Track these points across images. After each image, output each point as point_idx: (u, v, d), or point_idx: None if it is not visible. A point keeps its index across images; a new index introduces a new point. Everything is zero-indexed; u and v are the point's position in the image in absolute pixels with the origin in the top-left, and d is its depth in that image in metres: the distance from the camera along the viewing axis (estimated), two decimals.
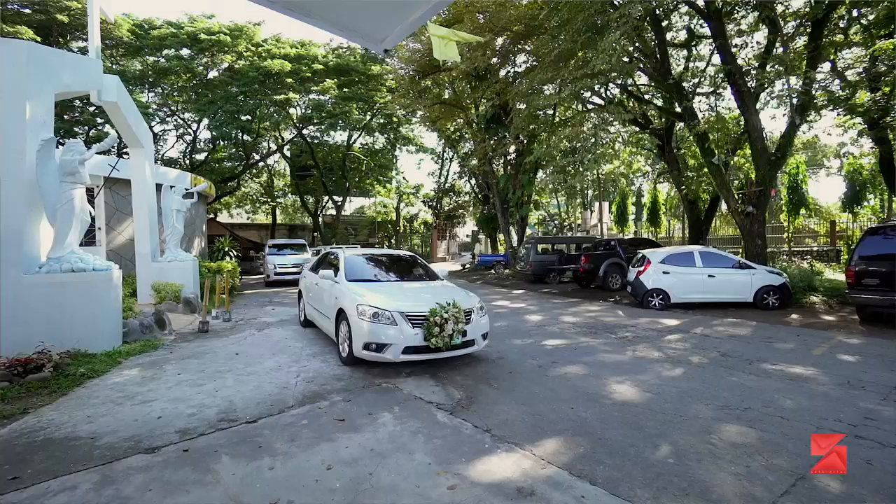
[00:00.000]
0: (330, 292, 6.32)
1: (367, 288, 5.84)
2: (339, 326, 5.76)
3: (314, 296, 7.31)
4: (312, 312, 7.50)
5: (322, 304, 6.73)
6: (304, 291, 8.17)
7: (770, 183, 11.98)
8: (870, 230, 8.41)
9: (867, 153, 18.96)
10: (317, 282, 7.14)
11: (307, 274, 8.24)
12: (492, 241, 25.77)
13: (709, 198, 18.70)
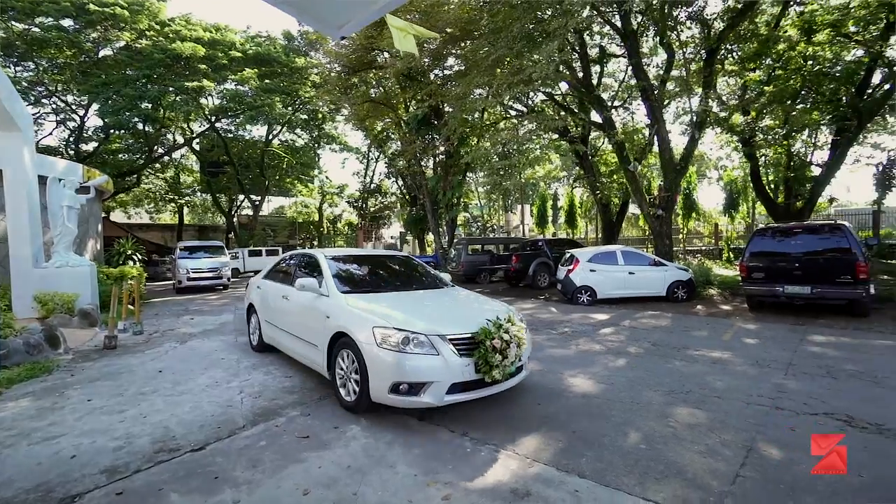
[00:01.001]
0: (315, 309, 4.64)
1: (372, 302, 4.36)
2: (338, 358, 4.21)
3: (280, 313, 5.55)
4: (277, 335, 5.66)
5: (298, 326, 5.07)
6: (260, 306, 6.24)
7: (675, 189, 13.42)
8: (757, 231, 9.76)
9: (738, 166, 22.11)
10: (285, 294, 5.45)
11: (262, 283, 6.38)
12: (420, 242, 25.81)
13: (620, 202, 20.52)
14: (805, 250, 8.72)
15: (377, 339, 3.73)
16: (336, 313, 4.32)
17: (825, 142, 17.45)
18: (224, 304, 12.56)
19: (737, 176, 22.65)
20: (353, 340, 3.94)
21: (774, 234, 9.34)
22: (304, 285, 4.80)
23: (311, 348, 4.69)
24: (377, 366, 3.70)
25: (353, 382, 4.01)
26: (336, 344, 4.24)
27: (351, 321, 4.08)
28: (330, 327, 4.28)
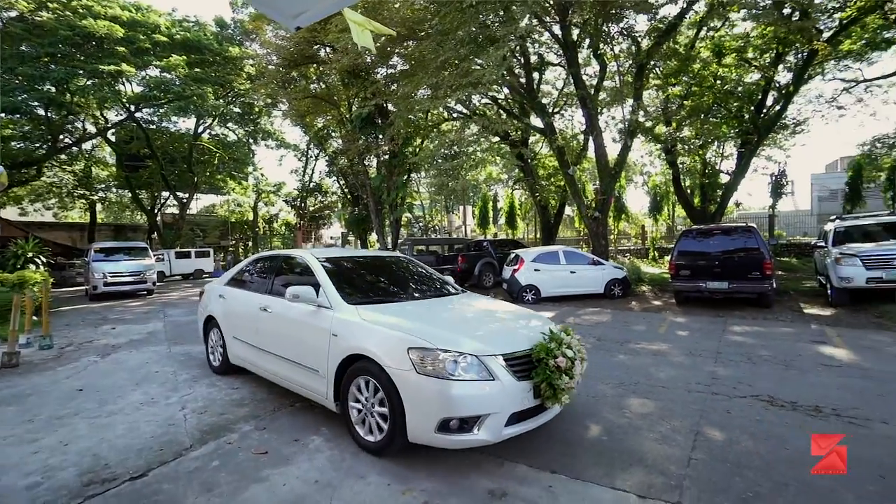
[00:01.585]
0: (312, 326, 3.79)
1: (391, 314, 3.57)
2: (351, 388, 3.40)
3: (257, 329, 4.56)
4: (253, 355, 4.65)
5: (286, 346, 4.14)
6: (225, 320, 5.17)
7: (610, 192, 14.30)
8: (683, 233, 10.68)
9: (661, 172, 24.11)
10: (263, 306, 4.47)
11: (226, 292, 5.33)
12: (363, 242, 25.32)
13: (557, 204, 21.52)
14: (722, 250, 9.68)
15: (416, 364, 2.95)
16: (347, 331, 3.46)
17: (731, 153, 19.58)
18: (150, 311, 11.52)
19: (660, 181, 24.64)
20: (376, 366, 3.14)
21: (697, 235, 10.28)
22: (298, 295, 3.86)
23: (307, 374, 3.81)
24: (418, 398, 2.93)
25: (378, 418, 3.22)
26: (349, 370, 3.40)
27: (372, 341, 3.25)
28: (339, 349, 3.45)
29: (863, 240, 9.37)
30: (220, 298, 5.37)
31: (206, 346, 5.68)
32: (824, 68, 16.68)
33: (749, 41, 16.02)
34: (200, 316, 5.82)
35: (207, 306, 5.62)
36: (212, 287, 5.84)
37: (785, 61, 15.88)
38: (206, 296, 5.82)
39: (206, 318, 5.61)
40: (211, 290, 5.77)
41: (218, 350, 5.39)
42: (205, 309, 5.69)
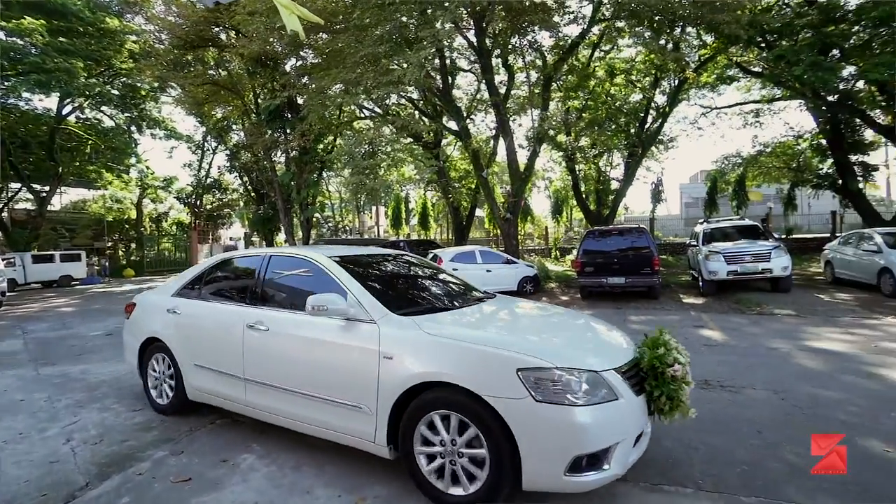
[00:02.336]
0: (350, 347, 2.91)
1: (468, 326, 2.96)
2: (419, 426, 2.61)
3: (252, 355, 3.45)
4: (236, 390, 3.56)
5: (303, 375, 3.14)
6: (182, 343, 3.98)
7: (521, 195, 15.22)
8: (588, 233, 11.77)
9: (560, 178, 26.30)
10: (254, 322, 3.43)
11: (182, 305, 4.11)
12: (269, 243, 23.76)
13: (469, 205, 22.34)
14: (619, 248, 10.87)
15: (531, 389, 2.31)
16: (408, 350, 2.70)
17: (618, 163, 22.09)
18: (1, 328, 9.63)
19: (560, 187, 26.80)
20: (465, 395, 2.44)
21: (598, 235, 11.41)
22: (326, 306, 2.89)
23: (340, 411, 2.91)
24: (537, 433, 2.30)
25: (468, 463, 2.48)
26: (414, 403, 2.62)
27: (455, 362, 2.52)
28: (397, 375, 2.65)
29: (723, 240, 11.20)
30: (171, 314, 4.09)
31: (145, 378, 4.33)
32: (689, 95, 19.58)
33: (634, 65, 18.22)
34: (131, 339, 4.50)
35: (145, 325, 4.33)
36: (150, 299, 4.56)
37: (661, 86, 18.33)
38: (142, 311, 4.52)
39: (145, 341, 4.29)
40: (150, 304, 4.48)
41: (166, 383, 4.13)
42: (140, 329, 4.38)
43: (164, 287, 4.62)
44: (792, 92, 15.69)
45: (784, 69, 13.69)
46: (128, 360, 4.65)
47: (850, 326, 7.13)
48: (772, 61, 14.46)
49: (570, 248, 23.95)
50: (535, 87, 15.08)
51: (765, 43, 14.90)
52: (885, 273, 9.43)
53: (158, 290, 4.71)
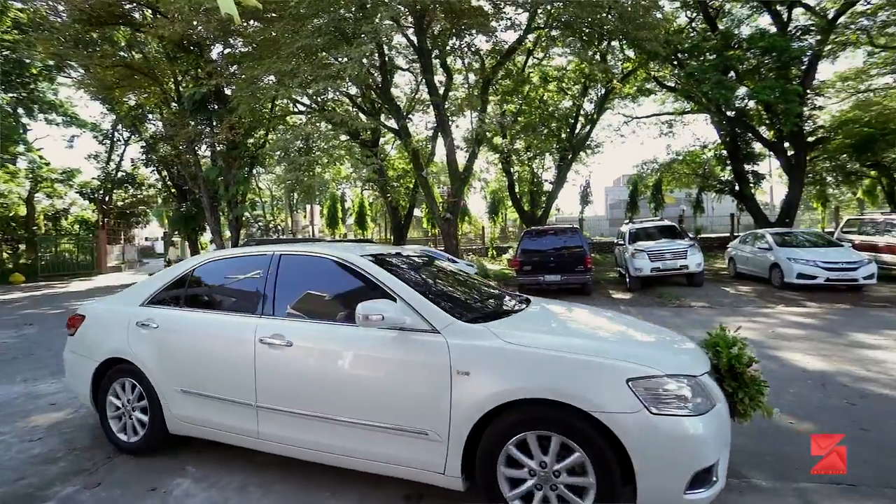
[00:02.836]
0: (413, 363, 2.51)
1: (550, 333, 2.80)
2: (504, 452, 2.29)
3: (271, 376, 2.87)
4: (253, 421, 2.92)
5: (350, 401, 2.65)
6: (161, 365, 3.28)
7: (461, 195, 15.45)
8: (525, 233, 12.25)
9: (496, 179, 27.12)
10: (273, 335, 2.86)
11: (158, 315, 3.40)
12: (192, 244, 21.99)
13: (407, 205, 22.29)
14: (555, 247, 11.43)
15: (645, 401, 2.09)
16: (489, 363, 2.35)
17: (549, 166, 23.25)
18: None
19: (496, 188, 27.59)
20: (568, 413, 2.17)
21: (535, 235, 11.91)
22: (376, 315, 2.46)
23: (399, 439, 2.49)
24: (655, 450, 2.08)
25: (566, 491, 2.21)
26: (494, 424, 2.30)
27: (551, 375, 2.24)
28: (476, 394, 2.31)
29: (646, 239, 12.19)
30: (143, 328, 3.34)
31: (103, 410, 3.51)
32: (613, 104, 21.08)
33: (566, 73, 19.25)
34: (81, 361, 3.62)
35: (103, 343, 3.51)
36: (108, 309, 3.75)
37: (589, 94, 19.56)
38: (97, 325, 3.66)
39: (104, 363, 3.47)
40: (110, 316, 3.65)
41: (134, 415, 3.36)
42: (95, 348, 3.54)
43: (126, 295, 3.79)
44: (699, 106, 17.47)
45: (693, 86, 15.21)
46: (73, 387, 3.76)
47: (752, 315, 8.09)
48: (683, 78, 16.00)
49: (505, 248, 24.75)
50: (474, 90, 15.39)
51: (677, 61, 16.44)
52: (775, 268, 10.80)
53: (118, 298, 3.86)
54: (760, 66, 15.29)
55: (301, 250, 3.32)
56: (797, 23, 16.37)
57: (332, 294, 3.08)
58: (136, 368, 3.32)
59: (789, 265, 10.17)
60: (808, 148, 16.97)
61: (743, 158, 18.34)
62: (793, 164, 16.92)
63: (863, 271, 9.58)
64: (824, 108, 18.44)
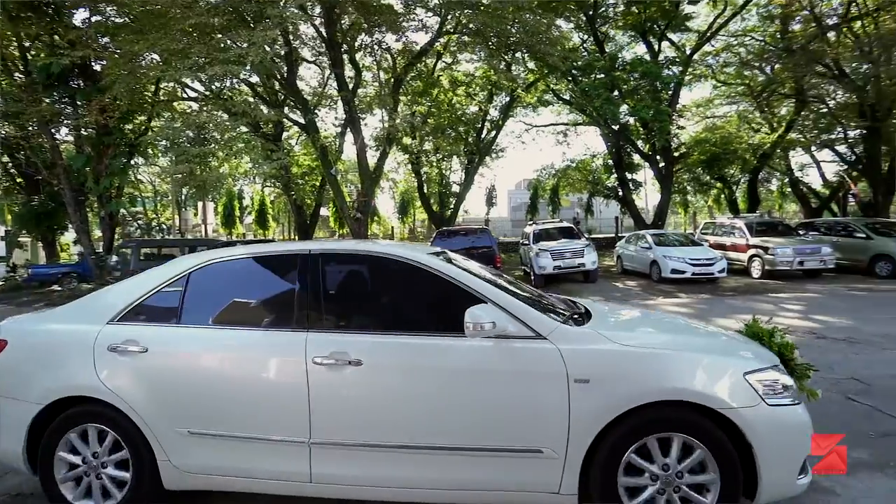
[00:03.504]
0: (521, 374, 2.22)
1: (653, 332, 2.75)
2: (624, 460, 2.16)
3: (341, 405, 2.36)
4: (299, 462, 2.33)
5: (447, 423, 2.26)
6: (163, 403, 2.43)
7: (372, 195, 15.21)
8: (438, 233, 12.47)
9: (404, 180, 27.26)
10: (337, 354, 2.28)
11: (168, 339, 2.55)
12: (48, 245, 18.58)
13: (313, 203, 21.35)
14: (465, 247, 11.78)
15: (762, 394, 2.11)
16: (607, 369, 2.19)
17: (456, 168, 24.01)
18: None
19: (406, 188, 27.67)
20: (696, 413, 2.11)
21: (448, 235, 12.18)
22: (489, 322, 2.14)
23: (510, 462, 2.22)
24: (774, 440, 2.10)
25: (689, 492, 2.13)
26: (618, 430, 2.13)
27: (677, 375, 2.17)
28: (600, 403, 2.13)
29: (548, 239, 13.14)
30: (122, 354, 2.48)
31: (49, 472, 2.52)
32: (516, 112, 22.41)
33: (474, 79, 19.97)
34: (11, 406, 2.58)
35: (47, 379, 2.53)
36: (55, 330, 2.72)
37: (495, 101, 20.56)
38: (33, 357, 2.68)
39: (48, 407, 2.50)
40: (57, 340, 2.66)
41: (105, 473, 2.48)
42: (31, 387, 2.54)
43: (80, 309, 2.80)
44: (590, 119, 19.32)
45: (586, 101, 16.81)
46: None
47: (640, 307, 9.15)
48: (578, 93, 17.59)
49: None
50: (385, 87, 15.25)
51: (572, 77, 18.02)
52: (654, 264, 12.36)
53: (63, 313, 2.82)
54: (639, 88, 17.42)
55: (344, 248, 2.90)
56: (665, 54, 18.96)
57: (402, 300, 2.65)
58: (108, 410, 2.42)
59: (665, 262, 11.72)
60: (674, 161, 19.74)
61: (625, 168, 20.69)
62: (663, 175, 19.54)
63: (717, 266, 11.40)
64: (685, 129, 21.59)
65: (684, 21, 18.14)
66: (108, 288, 2.95)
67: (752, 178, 22.19)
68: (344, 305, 2.64)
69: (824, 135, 19.16)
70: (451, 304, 2.31)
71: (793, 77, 16.70)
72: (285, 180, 18.22)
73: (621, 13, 18.07)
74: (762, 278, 11.92)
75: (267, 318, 2.62)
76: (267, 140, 16.65)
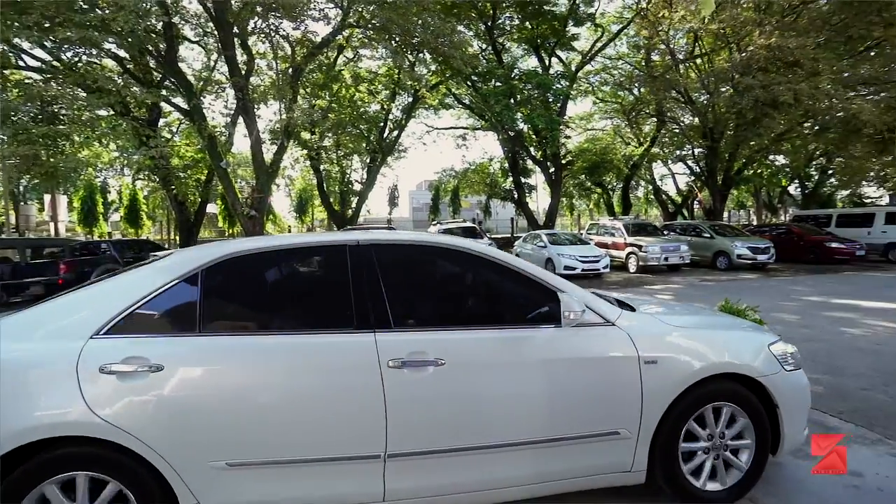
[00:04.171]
0: (596, 360, 2.29)
1: (666, 316, 2.81)
2: (685, 429, 2.36)
3: (409, 416, 2.08)
4: (370, 481, 2.02)
5: (522, 422, 2.21)
6: (192, 433, 1.88)
7: (268, 191, 14.17)
8: (342, 230, 12.01)
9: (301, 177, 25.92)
10: (416, 355, 2.06)
11: (193, 352, 1.97)
12: None
13: (198, 200, 19.25)
14: None
15: (781, 363, 2.47)
16: (668, 349, 2.33)
17: (357, 166, 23.54)
18: None
19: (304, 186, 26.29)
20: (738, 383, 2.39)
21: None
22: (579, 310, 2.18)
23: (589, 448, 2.24)
24: (793, 401, 2.47)
25: (730, 455, 2.41)
26: (680, 405, 2.29)
27: (724, 351, 2.43)
28: (667, 380, 2.26)
29: None
30: (122, 376, 1.89)
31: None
32: (418, 114, 22.64)
33: (377, 77, 19.70)
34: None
35: (24, 417, 1.80)
36: (19, 352, 1.92)
37: (397, 100, 20.54)
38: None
39: (11, 454, 1.75)
40: (17, 362, 1.89)
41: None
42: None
43: (47, 316, 2.12)
44: (489, 125, 20.33)
45: (486, 106, 17.64)
46: None
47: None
48: (478, 98, 18.38)
49: None
50: (283, 77, 14.33)
51: (472, 83, 18.78)
52: (548, 262, 13.40)
53: (16, 329, 2.05)
54: (533, 98, 18.78)
55: (398, 239, 2.62)
56: (554, 69, 20.73)
57: (472, 293, 2.57)
58: (106, 451, 1.86)
59: (559, 259, 12.78)
60: (562, 167, 21.66)
61: (520, 172, 22.13)
62: (553, 180, 21.32)
63: (602, 263, 12.77)
64: (570, 139, 23.85)
65: (570, 41, 20.02)
66: (74, 295, 2.22)
67: (625, 185, 25.30)
68: (411, 301, 2.40)
69: (678, 150, 22.66)
70: (525, 296, 2.33)
71: (654, 100, 19.39)
72: (164, 172, 16.10)
73: (516, 27, 19.30)
74: (637, 272, 13.63)
75: (317, 319, 2.25)
76: (140, 125, 14.54)
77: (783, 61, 13.57)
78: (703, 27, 16.36)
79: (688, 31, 17.92)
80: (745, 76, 14.30)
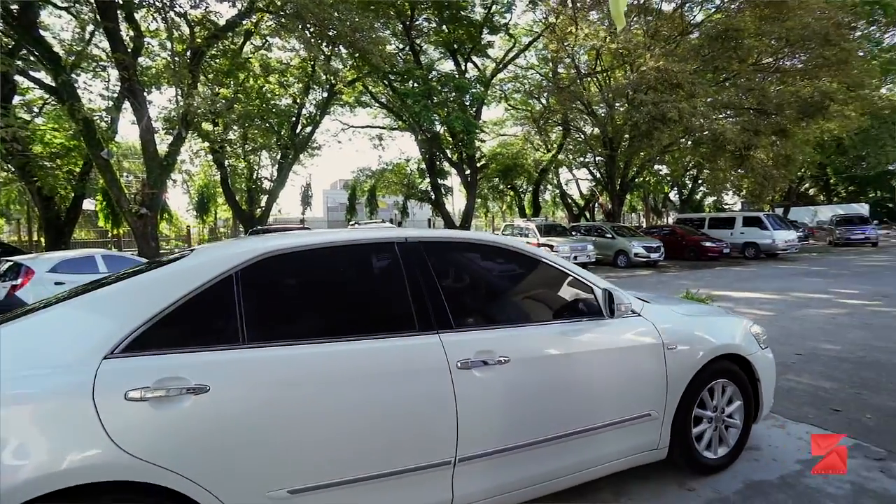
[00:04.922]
0: (628, 348, 2.49)
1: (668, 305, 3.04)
2: (695, 405, 2.65)
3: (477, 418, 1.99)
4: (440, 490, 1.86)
5: (569, 414, 2.28)
6: (234, 458, 1.49)
7: (162, 186, 12.61)
8: (251, 232, 11.14)
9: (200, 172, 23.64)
10: (483, 355, 1.98)
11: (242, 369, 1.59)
12: None
13: (72, 195, 16.60)
14: None
15: (760, 343, 2.89)
16: (681, 336, 2.57)
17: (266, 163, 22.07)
18: None
19: (206, 182, 23.92)
20: (734, 361, 2.74)
21: (263, 234, 11.05)
22: (627, 304, 2.43)
23: (625, 431, 2.36)
24: (768, 375, 2.89)
25: (726, 423, 2.73)
26: (694, 382, 2.55)
27: (722, 334, 2.75)
28: (685, 363, 2.51)
29: None
30: (154, 403, 1.47)
31: None
32: (333, 111, 21.83)
33: (289, 68, 18.57)
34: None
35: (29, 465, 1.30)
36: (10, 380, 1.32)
37: (311, 95, 19.57)
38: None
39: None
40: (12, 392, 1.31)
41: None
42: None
43: (39, 334, 1.63)
44: (406, 125, 20.23)
45: (404, 106, 17.51)
46: None
47: None
48: (396, 98, 18.17)
49: None
50: (181, 59, 12.86)
51: (389, 82, 18.53)
52: None
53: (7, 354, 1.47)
54: (450, 101, 19.06)
55: (441, 235, 2.54)
56: (469, 74, 21.26)
57: (526, 291, 2.57)
58: (136, 495, 1.52)
59: None
60: (477, 170, 22.28)
61: (437, 173, 22.34)
62: (469, 182, 21.84)
63: None
64: (485, 142, 24.66)
65: (485, 48, 20.66)
66: (62, 305, 1.75)
67: (535, 189, 26.78)
68: (465, 300, 2.38)
69: (581, 158, 24.55)
70: (571, 292, 2.48)
71: (561, 109, 20.79)
72: (21, 160, 13.58)
73: (434, 29, 19.45)
74: None
75: (375, 323, 2.07)
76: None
77: (669, 82, 15.30)
78: (604, 45, 17.90)
79: (590, 48, 19.47)
80: (638, 93, 15.89)
